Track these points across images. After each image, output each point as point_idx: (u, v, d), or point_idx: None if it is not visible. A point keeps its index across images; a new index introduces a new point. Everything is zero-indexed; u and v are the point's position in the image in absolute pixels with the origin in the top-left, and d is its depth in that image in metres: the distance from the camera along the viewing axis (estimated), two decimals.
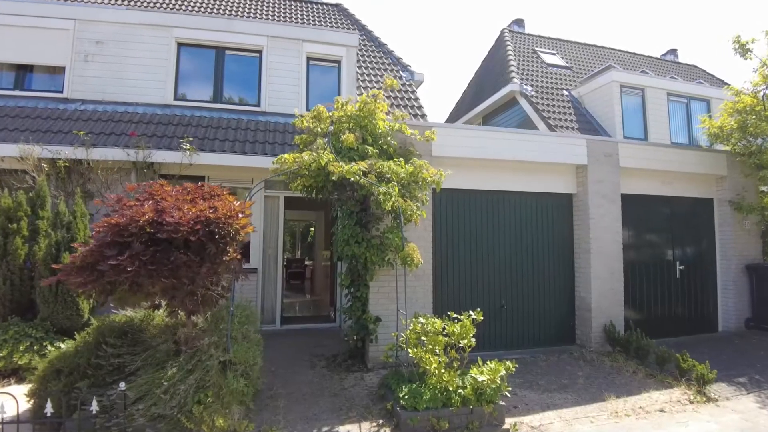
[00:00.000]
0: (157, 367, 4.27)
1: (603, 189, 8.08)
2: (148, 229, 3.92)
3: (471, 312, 5.10)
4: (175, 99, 9.66)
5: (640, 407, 5.33)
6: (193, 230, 3.96)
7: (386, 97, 6.18)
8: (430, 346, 4.65)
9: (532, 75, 15.23)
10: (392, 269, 6.26)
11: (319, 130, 5.89)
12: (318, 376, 5.90)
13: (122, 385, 3.79)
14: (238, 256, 4.35)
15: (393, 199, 4.87)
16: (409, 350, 4.63)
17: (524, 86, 14.23)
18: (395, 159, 5.57)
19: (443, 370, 4.51)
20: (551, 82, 15.32)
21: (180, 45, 9.81)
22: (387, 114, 6.18)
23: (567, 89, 15.27)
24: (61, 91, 9.28)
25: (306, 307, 12.47)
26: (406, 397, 4.40)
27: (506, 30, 17.76)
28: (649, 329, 7.57)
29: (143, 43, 9.54)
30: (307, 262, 18.94)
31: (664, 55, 20.55)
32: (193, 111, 9.55)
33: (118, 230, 3.89)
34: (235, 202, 4.38)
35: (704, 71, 19.84)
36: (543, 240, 7.99)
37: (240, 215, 4.30)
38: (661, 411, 5.27)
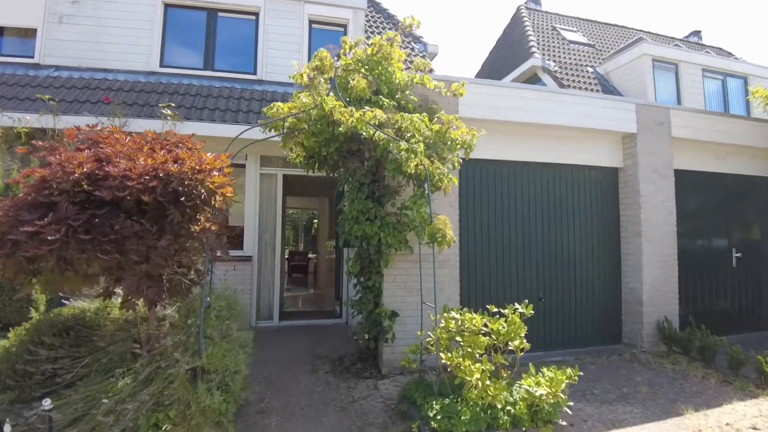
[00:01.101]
0: (106, 376, 3.18)
1: (654, 162, 6.93)
2: (84, 186, 2.82)
3: (517, 305, 3.99)
4: (161, 66, 8.56)
5: (727, 423, 4.20)
6: (147, 188, 2.85)
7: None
8: (468, 350, 3.54)
9: (553, 51, 14.06)
10: (411, 253, 5.15)
11: (323, 82, 4.75)
12: (321, 384, 4.79)
13: (46, 403, 2.69)
14: (213, 227, 3.24)
15: (418, 158, 3.73)
16: (441, 355, 3.51)
17: (546, 61, 13.05)
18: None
19: (488, 381, 3.39)
20: (574, 59, 14.14)
21: (167, 6, 8.71)
22: (405, 63, 5.04)
23: (591, 66, 14.08)
24: (32, 56, 8.20)
25: (308, 301, 11.38)
26: (439, 416, 3.28)
27: (523, 6, 16.55)
28: (705, 326, 6.43)
29: (125, 3, 8.45)
30: (310, 255, 17.94)
31: (687, 36, 19.28)
32: (180, 79, 8.44)
33: (42, 186, 2.78)
34: (208, 155, 3.27)
35: (730, 53, 18.55)
36: (584, 221, 6.84)
37: (215, 173, 3.19)
38: (754, 429, 4.15)
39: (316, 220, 19.72)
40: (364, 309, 5.22)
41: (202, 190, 3.10)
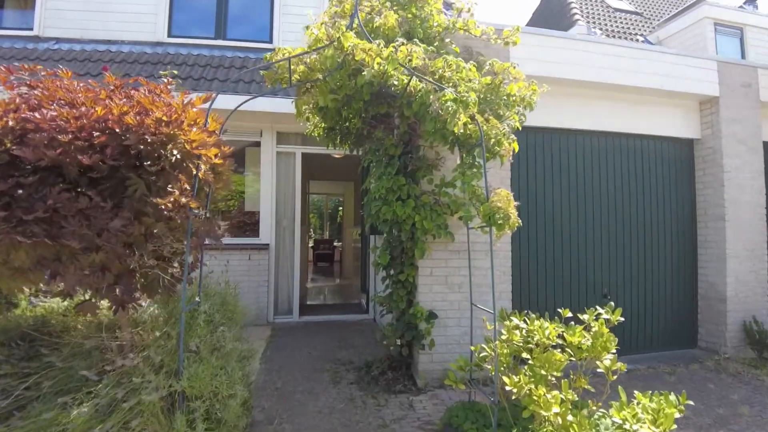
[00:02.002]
0: (60, 405, 2.40)
1: (740, 132, 5.76)
2: (7, 143, 1.99)
3: (599, 308, 3.02)
4: (169, 36, 7.79)
5: None
6: (92, 145, 2.00)
7: None
8: (541, 371, 2.59)
9: (597, 19, 12.74)
10: (452, 241, 4.21)
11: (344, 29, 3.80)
12: (344, 400, 3.93)
13: None
14: (193, 204, 2.37)
15: (469, 112, 2.77)
16: (505, 379, 2.57)
17: (592, 29, 11.74)
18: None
19: (569, 416, 2.44)
20: (621, 27, 12.78)
21: None
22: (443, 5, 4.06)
23: (641, 35, 12.67)
24: (32, 29, 7.55)
25: (333, 293, 10.59)
26: None
27: None
28: None
29: None
30: (336, 244, 17.22)
31: (743, 6, 17.38)
32: (189, 49, 7.64)
33: None
34: (182, 100, 2.40)
35: None
36: (654, 202, 5.75)
37: (193, 128, 2.33)
38: None
39: (341, 208, 18.93)
40: (395, 308, 4.33)
41: (174, 152, 2.23)
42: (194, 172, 2.49)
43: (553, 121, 5.18)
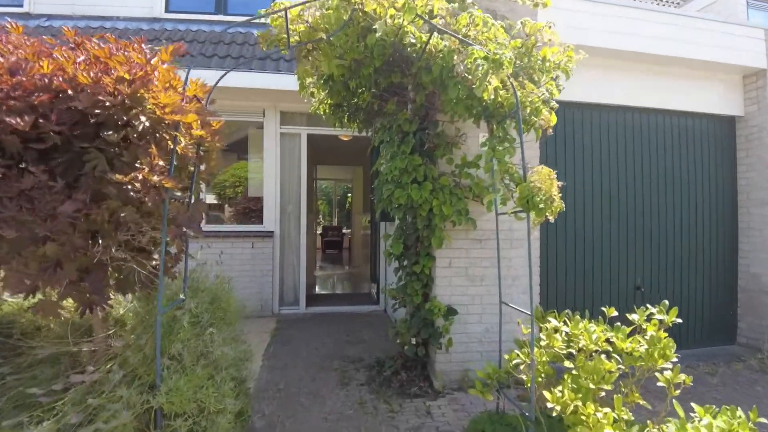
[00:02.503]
0: (13, 425, 2.02)
1: None
2: None
3: (651, 307, 2.58)
4: (167, 11, 7.36)
5: None
6: (32, 106, 1.58)
7: None
8: (588, 385, 2.16)
9: None
10: (474, 229, 3.77)
11: None
12: (353, 404, 3.54)
13: None
14: (168, 183, 1.94)
15: (503, 73, 2.30)
16: (546, 394, 2.14)
17: None
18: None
19: None
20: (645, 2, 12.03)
21: None
22: None
23: (673, 2, 11.93)
24: (21, 5, 7.14)
25: (342, 281, 10.22)
26: None
27: None
28: None
29: None
30: (345, 231, 16.86)
31: None
32: (188, 25, 7.19)
33: None
34: (149, 57, 1.96)
35: None
36: (690, 185, 5.24)
37: (163, 91, 1.89)
38: None
39: (350, 195, 18.51)
40: (409, 302, 3.91)
41: (142, 118, 1.80)
42: (170, 146, 2.06)
43: (582, 95, 4.67)
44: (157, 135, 1.90)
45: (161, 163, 2.00)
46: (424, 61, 2.71)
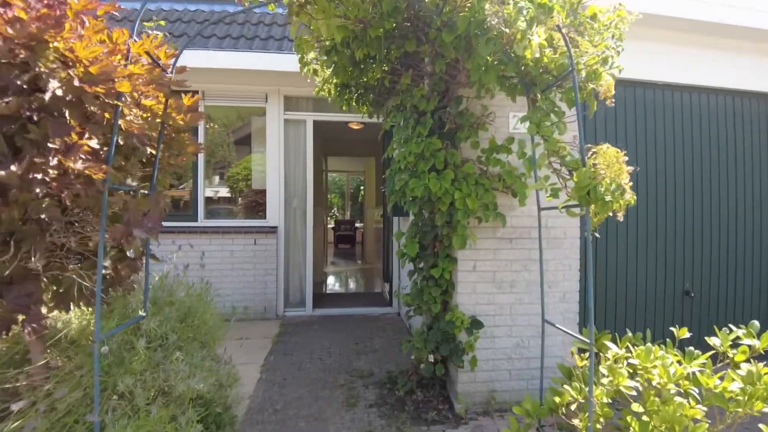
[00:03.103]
0: None
1: None
2: None
3: (735, 329, 2.00)
4: None
5: None
6: None
7: None
8: None
9: None
10: (503, 226, 3.19)
11: None
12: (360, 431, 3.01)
13: None
14: (96, 173, 1.40)
15: (554, 18, 1.71)
16: None
17: None
18: None
19: None
20: None
21: None
22: None
23: None
24: None
25: (354, 277, 9.71)
26: None
27: None
28: None
29: None
30: (357, 225, 16.36)
31: None
32: (186, 4, 6.70)
33: None
34: None
35: None
36: (752, 174, 4.55)
37: (79, 26, 1.35)
38: None
39: (362, 188, 17.97)
40: (425, 311, 3.35)
41: (52, 81, 1.26)
42: (105, 118, 1.52)
43: (633, 71, 4.01)
44: (87, 107, 1.36)
45: (93, 143, 1.47)
46: (446, 16, 2.13)
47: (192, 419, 1.82)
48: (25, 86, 1.28)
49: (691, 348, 2.07)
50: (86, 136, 1.43)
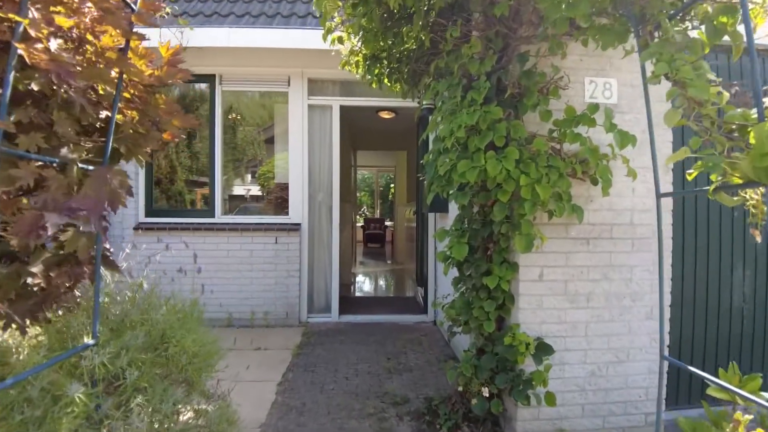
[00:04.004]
0: None
1: None
2: None
3: None
4: None
5: None
6: None
7: None
8: None
9: None
10: (579, 222, 2.46)
11: None
12: None
13: None
14: None
15: None
16: None
17: None
18: None
19: None
20: None
21: None
22: None
23: None
24: None
25: (383, 279, 9.08)
26: None
27: None
28: None
29: None
30: (387, 223, 15.79)
31: None
32: None
33: None
34: None
35: None
36: None
37: None
38: None
39: (393, 185, 17.32)
40: (474, 329, 2.66)
41: None
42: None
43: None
44: None
45: None
46: None
47: None
48: None
49: None
50: None
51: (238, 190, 5.85)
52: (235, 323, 5.19)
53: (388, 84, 3.75)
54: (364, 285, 8.32)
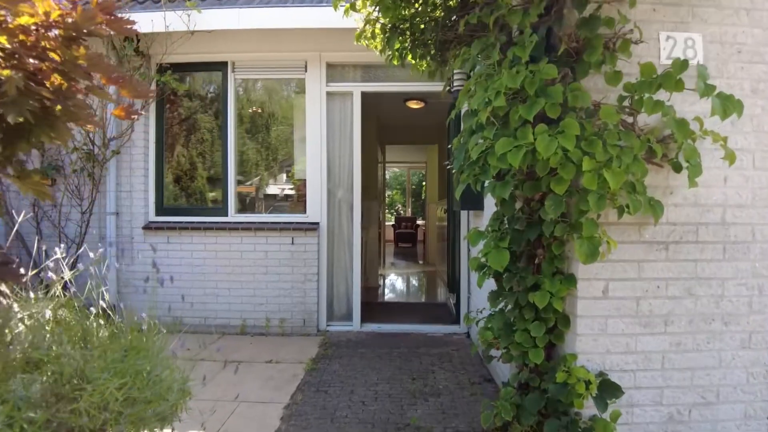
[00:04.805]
0: None
1: None
2: None
3: None
4: None
5: None
6: None
7: None
8: None
9: None
10: (656, 221, 1.85)
11: None
12: None
13: None
14: None
15: None
16: None
17: None
18: None
19: None
20: None
21: None
22: None
23: None
24: None
25: (412, 284, 8.53)
26: None
27: None
28: None
29: None
30: (419, 222, 15.27)
31: None
32: None
33: None
34: None
35: None
36: None
37: None
38: None
39: (424, 183, 16.73)
40: (517, 357, 2.08)
41: None
42: None
43: None
44: None
45: None
46: None
47: None
48: None
49: None
50: None
51: (254, 187, 5.43)
52: (249, 330, 4.78)
53: (413, 61, 3.22)
54: (391, 289, 7.79)
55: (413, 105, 6.62)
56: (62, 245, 1.75)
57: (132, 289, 4.77)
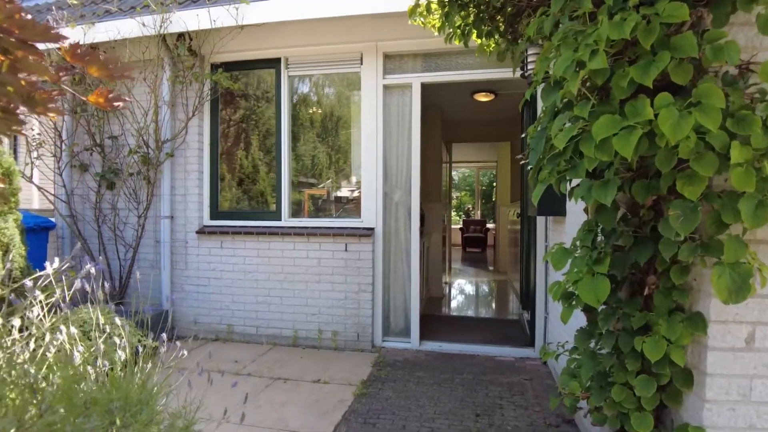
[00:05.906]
0: None
1: None
2: None
3: None
4: None
5: None
6: None
7: None
8: None
9: None
10: None
11: None
12: None
13: None
14: None
15: None
16: None
17: None
18: None
19: None
20: None
21: None
22: None
23: None
24: None
25: (479, 295, 7.90)
26: None
27: None
28: None
29: None
30: (489, 225, 14.50)
31: None
32: None
33: None
34: None
35: None
36: None
37: None
38: None
39: (495, 184, 15.86)
40: (612, 420, 1.52)
41: None
42: None
43: None
44: None
45: None
46: None
47: None
48: None
49: None
50: None
51: (307, 190, 5.16)
52: (301, 342, 4.49)
53: (478, 40, 2.72)
54: (456, 300, 7.22)
55: (482, 98, 6.05)
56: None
57: (184, 294, 4.67)
